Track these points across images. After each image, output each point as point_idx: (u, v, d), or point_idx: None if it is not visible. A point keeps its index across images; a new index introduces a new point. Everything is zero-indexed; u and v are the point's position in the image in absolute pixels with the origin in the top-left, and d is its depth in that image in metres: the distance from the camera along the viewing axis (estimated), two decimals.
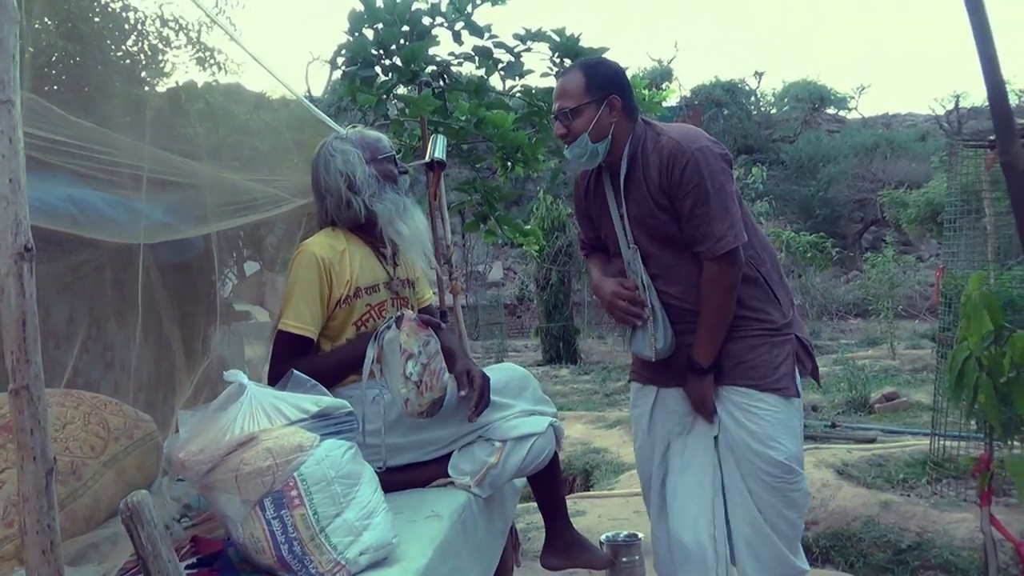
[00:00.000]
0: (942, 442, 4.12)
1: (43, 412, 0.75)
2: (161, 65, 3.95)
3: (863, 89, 38.81)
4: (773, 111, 29.92)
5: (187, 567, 1.51)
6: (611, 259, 2.28)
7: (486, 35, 3.40)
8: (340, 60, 3.13)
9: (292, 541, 1.36)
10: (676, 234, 2.06)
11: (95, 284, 3.29)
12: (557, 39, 3.37)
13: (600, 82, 2.07)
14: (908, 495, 3.89)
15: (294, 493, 1.37)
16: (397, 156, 2.25)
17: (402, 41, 3.18)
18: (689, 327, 2.10)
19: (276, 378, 1.94)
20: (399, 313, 1.91)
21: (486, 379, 2.02)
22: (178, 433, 1.82)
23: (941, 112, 27.62)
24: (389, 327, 1.88)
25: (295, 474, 1.37)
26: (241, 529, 1.40)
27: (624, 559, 2.79)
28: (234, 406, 1.44)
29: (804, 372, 2.17)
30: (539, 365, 13.63)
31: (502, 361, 15.14)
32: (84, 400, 1.75)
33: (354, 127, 2.32)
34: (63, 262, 2.95)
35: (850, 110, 30.70)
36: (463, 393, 2.00)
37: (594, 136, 2.05)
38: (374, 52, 3.12)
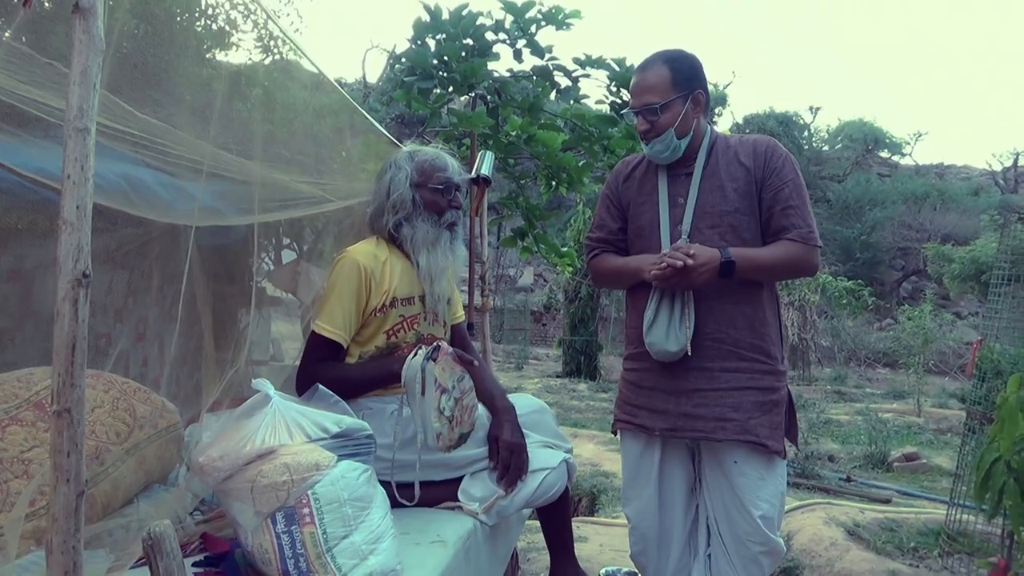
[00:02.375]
0: (959, 514, 4.03)
1: (81, 436, 0.77)
2: (226, 49, 4.02)
3: (920, 136, 38.22)
4: (825, 148, 29.55)
5: (194, 564, 1.54)
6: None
7: (547, 56, 3.41)
8: (398, 67, 3.16)
9: (299, 557, 1.38)
10: (743, 226, 2.03)
11: (136, 258, 3.37)
12: (616, 68, 3.37)
13: (685, 76, 2.05)
14: (917, 566, 3.81)
15: (306, 511, 1.39)
16: (458, 191, 2.23)
17: (463, 54, 3.20)
18: (712, 346, 2.02)
19: (305, 377, 1.98)
20: (436, 344, 1.90)
21: (515, 449, 2.02)
22: (200, 423, 1.86)
23: (998, 168, 27.06)
24: (427, 358, 1.85)
25: (309, 492, 1.39)
26: (251, 538, 1.42)
27: None
28: (258, 416, 1.47)
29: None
30: (558, 377, 13.63)
31: (522, 368, 15.17)
32: (115, 385, 1.79)
33: (435, 145, 2.34)
34: (110, 235, 3.02)
35: (904, 156, 30.22)
36: (492, 465, 2.04)
37: (679, 132, 2.04)
38: (434, 63, 3.15)
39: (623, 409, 2.20)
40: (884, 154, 30.16)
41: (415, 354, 1.88)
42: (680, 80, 2.03)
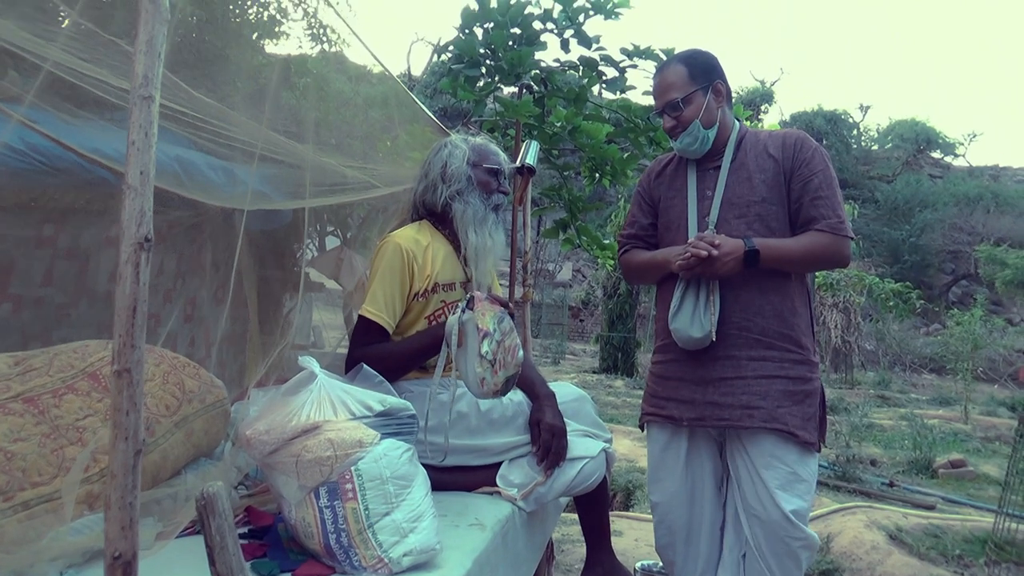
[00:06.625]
0: (1008, 522, 3.92)
1: (139, 396, 0.79)
2: (277, 37, 4.09)
3: (974, 136, 37.17)
4: (874, 147, 28.89)
5: (238, 536, 1.57)
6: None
7: (594, 46, 3.39)
8: (445, 57, 3.17)
9: (340, 532, 1.40)
10: (770, 216, 2.03)
11: (186, 240, 3.45)
12: (664, 58, 3.33)
13: (702, 69, 2.09)
14: (962, 574, 3.72)
15: (349, 486, 1.41)
16: (505, 179, 2.29)
17: (510, 43, 3.19)
18: (738, 335, 2.01)
19: (352, 361, 2.00)
20: (469, 295, 1.90)
21: (556, 432, 2.03)
22: (247, 400, 1.90)
23: None
24: (464, 310, 1.86)
25: (352, 468, 1.41)
26: (294, 511, 1.45)
27: None
28: (304, 392, 1.49)
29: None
30: (595, 373, 13.58)
31: (559, 362, 15.17)
32: (165, 359, 1.83)
33: (478, 134, 2.39)
34: (161, 216, 3.10)
35: (957, 156, 29.36)
36: (534, 450, 2.05)
37: (705, 122, 2.08)
38: (481, 51, 3.15)
39: (649, 402, 2.21)
40: (936, 154, 29.37)
41: (453, 312, 1.90)
42: (697, 73, 2.09)
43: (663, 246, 2.19)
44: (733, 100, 2.24)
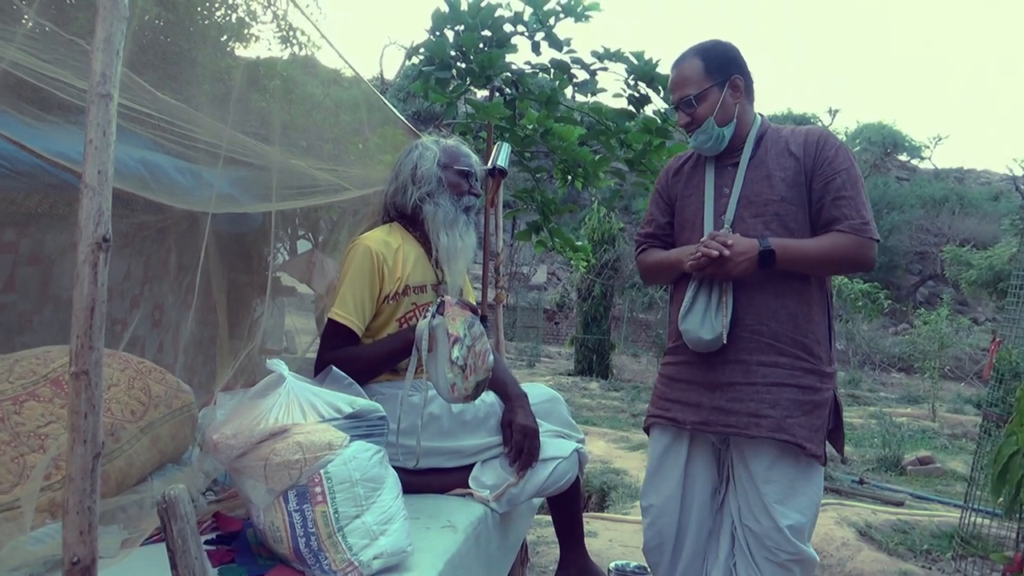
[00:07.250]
0: (973, 517, 4.00)
1: (99, 398, 0.78)
2: (245, 40, 4.05)
3: (939, 139, 37.95)
4: None
5: (206, 542, 1.55)
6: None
7: (565, 49, 3.40)
8: (417, 59, 3.17)
9: (310, 535, 1.39)
10: (789, 216, 1.97)
11: (154, 245, 3.40)
12: (635, 62, 3.36)
13: (719, 63, 2.02)
14: (930, 568, 3.78)
15: (318, 490, 1.39)
16: (476, 181, 2.28)
17: (481, 46, 3.20)
18: (750, 338, 1.96)
19: (320, 364, 1.98)
20: (440, 300, 1.89)
21: (528, 433, 2.03)
22: (215, 406, 1.88)
23: (1019, 173, 26.66)
24: (434, 315, 1.85)
25: (322, 471, 1.40)
26: (263, 516, 1.43)
27: None
28: (272, 396, 1.48)
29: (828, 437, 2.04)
30: (570, 375, 13.62)
31: (534, 365, 15.17)
32: (130, 364, 1.80)
33: (450, 136, 2.40)
34: (128, 220, 3.04)
35: (923, 159, 29.95)
36: (506, 451, 2.04)
37: (719, 120, 2.01)
38: (452, 54, 3.15)
39: (656, 404, 2.15)
40: (903, 157, 29.93)
41: (424, 316, 1.89)
42: (713, 68, 2.01)
43: (679, 245, 2.13)
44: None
